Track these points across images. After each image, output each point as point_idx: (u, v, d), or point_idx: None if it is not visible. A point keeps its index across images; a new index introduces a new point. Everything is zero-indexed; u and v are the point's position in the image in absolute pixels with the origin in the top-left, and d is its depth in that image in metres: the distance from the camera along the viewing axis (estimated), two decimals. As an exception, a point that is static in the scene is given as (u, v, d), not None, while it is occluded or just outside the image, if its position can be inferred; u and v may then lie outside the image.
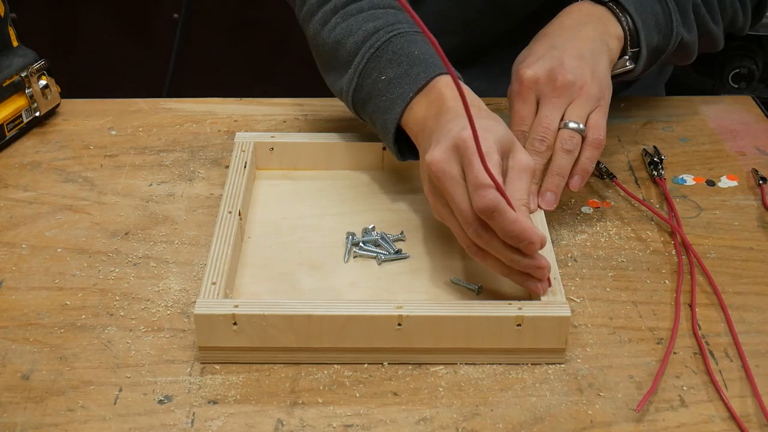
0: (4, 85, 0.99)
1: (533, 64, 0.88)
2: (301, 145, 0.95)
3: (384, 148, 0.95)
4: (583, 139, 0.86)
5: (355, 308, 0.74)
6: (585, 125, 0.86)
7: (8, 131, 0.99)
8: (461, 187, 0.74)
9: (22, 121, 1.01)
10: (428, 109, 0.83)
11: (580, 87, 0.87)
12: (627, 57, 0.93)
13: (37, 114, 1.02)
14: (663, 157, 0.99)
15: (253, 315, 0.73)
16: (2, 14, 0.98)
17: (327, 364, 0.75)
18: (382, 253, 0.84)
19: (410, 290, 0.81)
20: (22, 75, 1.00)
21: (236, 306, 0.73)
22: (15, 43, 1.02)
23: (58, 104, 1.06)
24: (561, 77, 0.86)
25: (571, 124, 0.85)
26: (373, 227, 0.87)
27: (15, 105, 1.00)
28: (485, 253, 0.76)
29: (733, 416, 0.71)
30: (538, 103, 0.88)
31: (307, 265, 0.84)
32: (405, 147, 0.88)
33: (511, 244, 0.74)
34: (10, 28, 1.01)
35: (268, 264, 0.84)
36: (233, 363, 0.75)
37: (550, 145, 0.86)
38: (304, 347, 0.74)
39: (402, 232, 0.87)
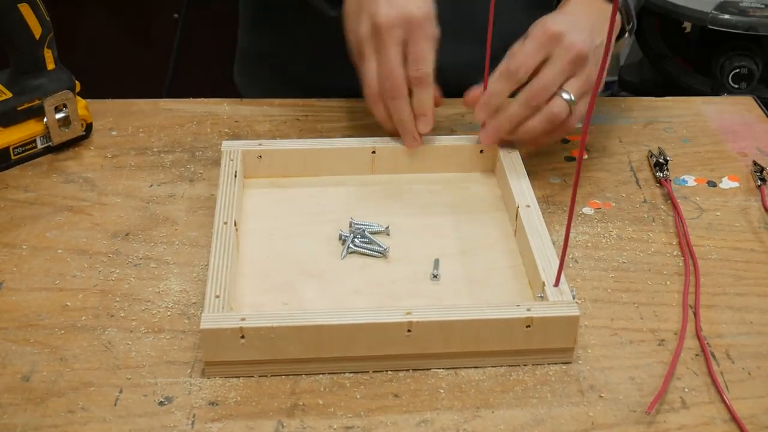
0: (20, 108, 0.95)
1: (562, 22, 0.88)
2: (289, 152, 0.94)
3: (373, 152, 0.94)
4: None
5: (365, 316, 0.73)
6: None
7: (15, 155, 0.96)
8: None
9: (35, 147, 0.98)
10: None
11: (589, 70, 0.88)
12: (626, 35, 0.96)
13: (49, 144, 0.98)
14: (668, 159, 0.99)
15: (261, 327, 0.71)
16: (37, 37, 0.95)
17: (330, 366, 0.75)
18: (375, 249, 0.85)
19: (413, 295, 0.81)
20: (42, 102, 0.96)
21: (243, 319, 0.72)
22: (50, 66, 0.97)
23: (84, 137, 1.01)
24: (579, 49, 0.87)
25: (564, 95, 0.88)
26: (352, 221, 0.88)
27: (29, 130, 0.97)
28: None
29: (734, 418, 0.71)
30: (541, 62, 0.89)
31: (306, 273, 0.83)
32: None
33: (415, 113, 0.90)
34: (48, 51, 0.96)
35: (267, 274, 0.83)
36: (239, 377, 0.74)
37: (539, 106, 0.88)
38: (313, 358, 0.73)
39: (387, 227, 0.87)
